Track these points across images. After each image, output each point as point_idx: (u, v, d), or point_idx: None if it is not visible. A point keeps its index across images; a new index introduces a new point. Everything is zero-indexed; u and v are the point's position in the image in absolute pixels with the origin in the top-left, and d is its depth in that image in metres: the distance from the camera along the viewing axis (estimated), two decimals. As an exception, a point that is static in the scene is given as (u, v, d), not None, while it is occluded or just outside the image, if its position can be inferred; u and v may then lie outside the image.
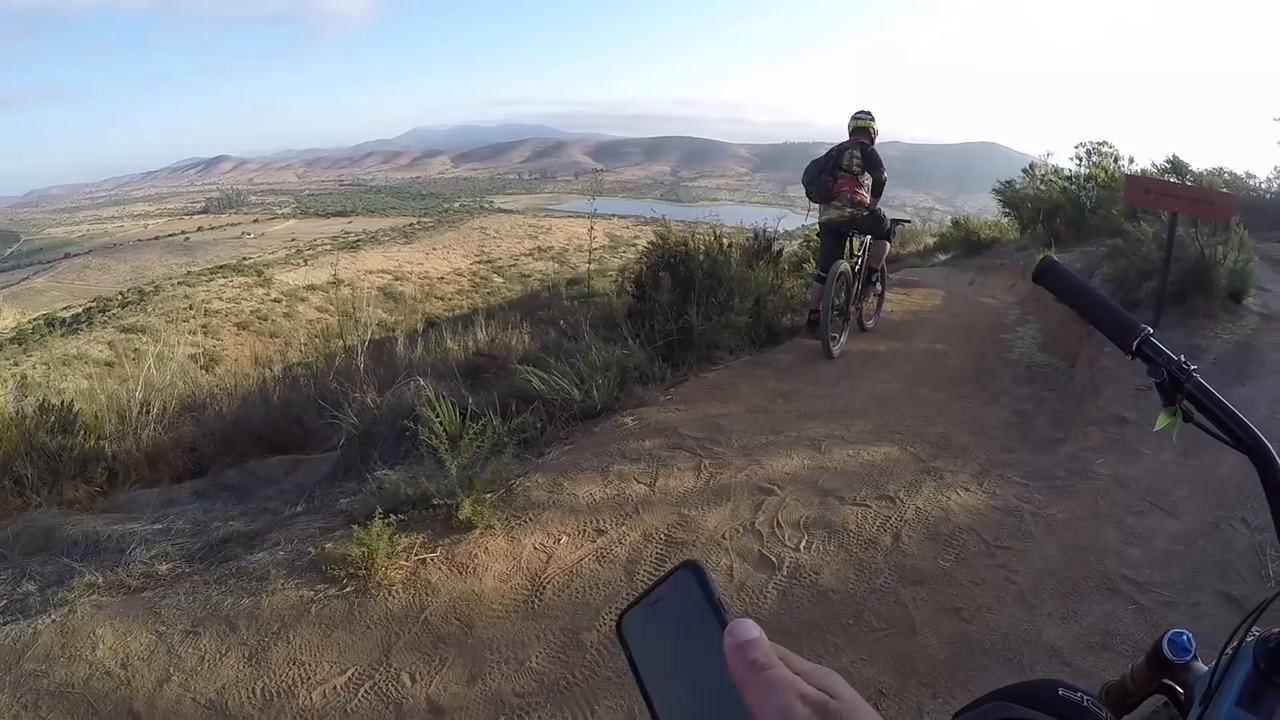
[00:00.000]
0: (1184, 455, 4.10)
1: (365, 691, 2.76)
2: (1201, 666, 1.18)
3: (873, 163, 6.48)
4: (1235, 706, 0.92)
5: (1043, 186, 13.65)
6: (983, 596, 3.13)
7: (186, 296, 37.36)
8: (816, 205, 6.66)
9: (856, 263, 6.70)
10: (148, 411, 5.99)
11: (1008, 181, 14.72)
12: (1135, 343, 1.06)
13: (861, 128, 6.66)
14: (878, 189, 6.58)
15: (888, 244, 6.98)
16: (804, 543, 3.51)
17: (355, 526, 3.43)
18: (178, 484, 5.25)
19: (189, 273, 46.58)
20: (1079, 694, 0.90)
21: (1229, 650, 0.99)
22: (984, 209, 22.12)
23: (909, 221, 9.39)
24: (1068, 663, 2.71)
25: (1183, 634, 1.22)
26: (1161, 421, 1.05)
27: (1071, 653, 2.79)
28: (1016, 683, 0.97)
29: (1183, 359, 1.02)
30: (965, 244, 13.33)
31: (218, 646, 2.96)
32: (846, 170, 6.49)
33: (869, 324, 7.39)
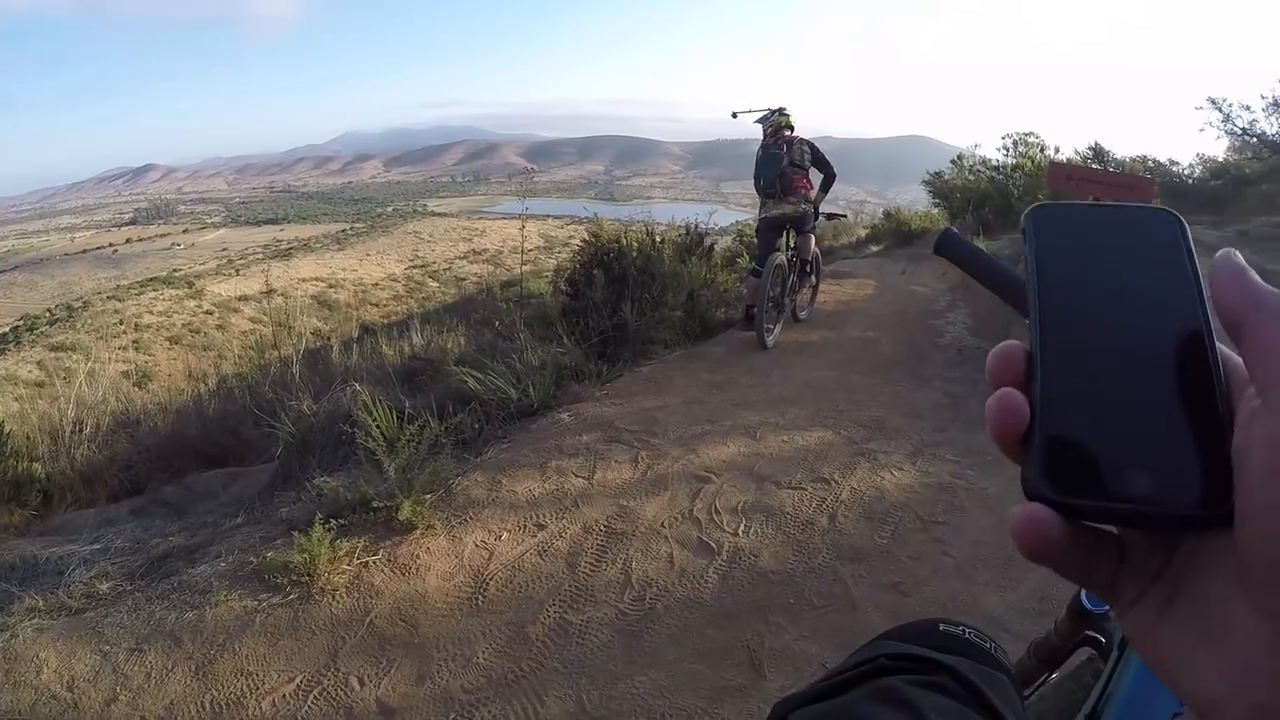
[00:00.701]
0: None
1: (314, 698, 2.71)
2: (1119, 614, 1.20)
3: (821, 158, 6.62)
4: None
5: (971, 177, 13.92)
6: (920, 570, 3.19)
7: (117, 311, 36.40)
8: (767, 201, 6.73)
9: (791, 255, 6.77)
10: (81, 431, 5.83)
11: (937, 173, 14.99)
12: None
13: (786, 124, 6.78)
14: (827, 184, 6.79)
15: (813, 237, 7.07)
16: (742, 527, 3.54)
17: (296, 534, 3.38)
18: (115, 503, 5.12)
19: (118, 287, 45.47)
20: (960, 628, 0.91)
21: None
22: (915, 200, 22.51)
23: (844, 215, 9.54)
24: (1006, 628, 2.76)
25: None
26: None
27: (1010, 619, 2.85)
28: (898, 625, 0.97)
29: None
30: (897, 235, 13.52)
31: (164, 662, 2.89)
32: (799, 165, 6.62)
33: (803, 315, 7.47)
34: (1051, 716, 1.28)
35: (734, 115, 7.33)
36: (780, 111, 6.83)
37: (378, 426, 4.08)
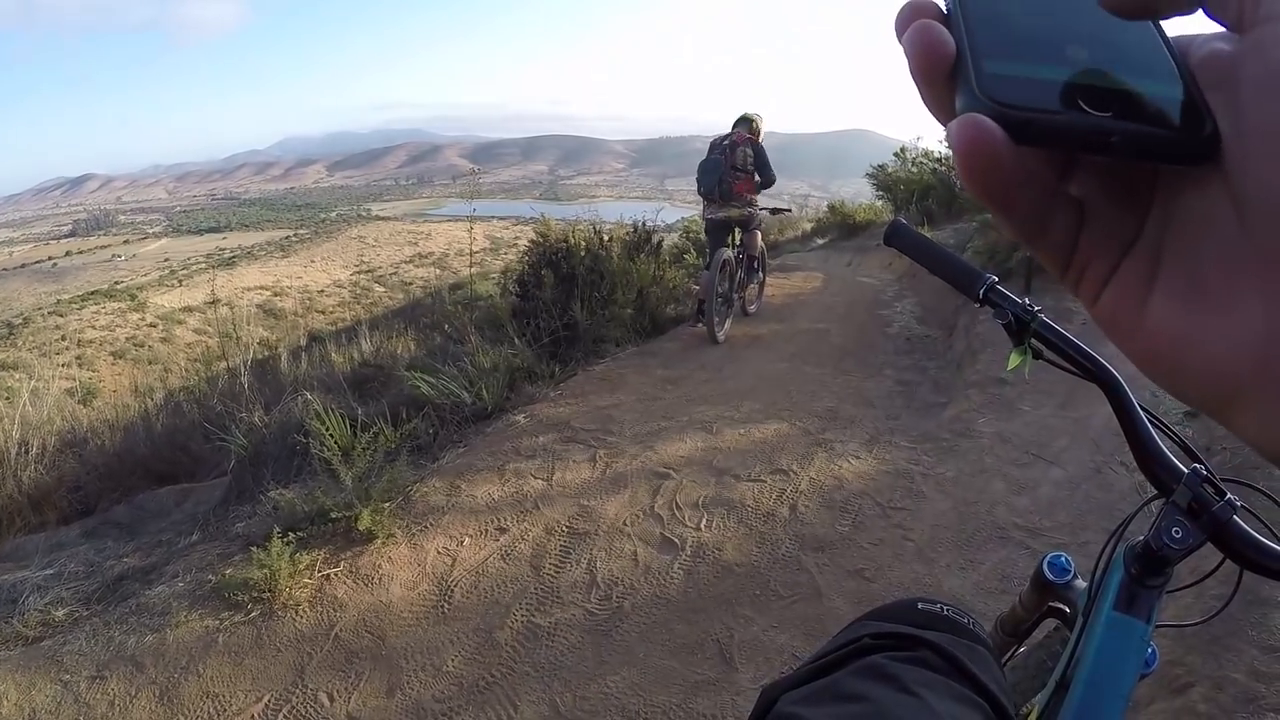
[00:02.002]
0: (1061, 408, 4.29)
1: (284, 716, 2.66)
2: (1081, 584, 1.24)
3: (763, 162, 6.69)
4: (1113, 610, 0.97)
5: (914, 169, 14.08)
6: (882, 556, 3.22)
7: (58, 327, 35.37)
8: (711, 203, 6.78)
9: (739, 252, 6.82)
10: (27, 452, 5.66)
11: (880, 166, 15.13)
12: (981, 290, 1.10)
13: (747, 119, 6.85)
14: (767, 186, 6.83)
15: (758, 233, 7.13)
16: (704, 521, 3.55)
17: (254, 549, 3.30)
18: (65, 525, 4.97)
19: (59, 301, 44.24)
20: (939, 605, 0.94)
21: (1103, 562, 1.04)
22: (859, 193, 22.74)
23: (788, 210, 9.65)
24: (970, 608, 2.80)
25: (1060, 556, 1.29)
26: (1013, 360, 1.09)
27: (973, 598, 2.89)
28: (878, 607, 1.00)
29: (1027, 301, 1.07)
30: (842, 228, 13.65)
31: (126, 689, 2.81)
32: (742, 170, 6.67)
33: (752, 309, 7.54)
34: (1023, 687, 1.31)
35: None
36: (744, 119, 6.92)
37: (331, 435, 4.02)
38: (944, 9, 0.33)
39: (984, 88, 0.30)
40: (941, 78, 0.31)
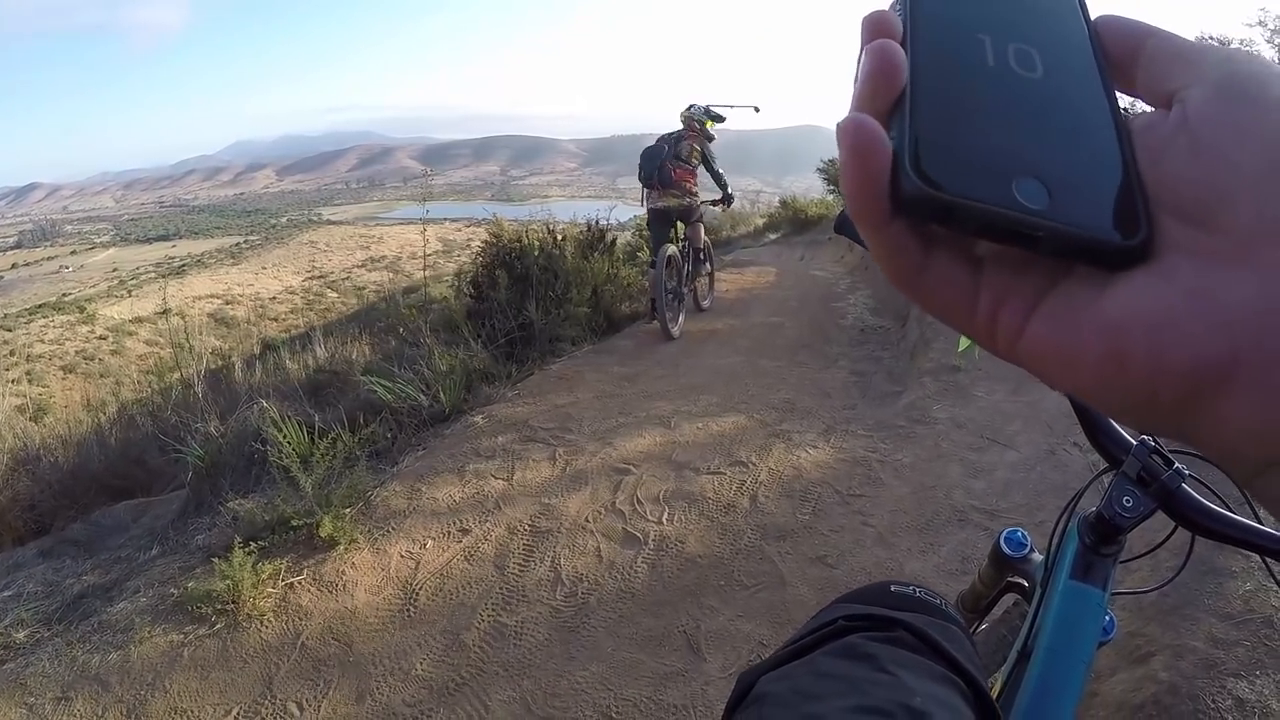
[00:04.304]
0: (1014, 393, 4.36)
1: (252, 728, 2.65)
2: (1038, 557, 1.27)
3: (709, 165, 6.82)
4: (1070, 579, 1.00)
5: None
6: (844, 542, 3.26)
7: (6, 342, 34.46)
8: (650, 192, 6.84)
9: (684, 246, 6.86)
10: (-21, 473, 5.53)
11: (831, 160, 15.26)
12: None
13: (695, 120, 6.92)
14: (716, 178, 7.01)
15: (701, 226, 7.18)
16: (666, 515, 3.57)
17: (216, 560, 3.26)
18: (21, 546, 4.85)
19: (5, 315, 43.14)
20: (910, 587, 0.96)
21: (1058, 533, 1.07)
22: (810, 188, 22.92)
23: (732, 197, 9.73)
24: (933, 589, 2.85)
25: (1017, 531, 1.32)
26: (963, 343, 1.11)
27: (935, 580, 2.93)
28: (851, 591, 1.02)
29: None
30: (794, 222, 13.76)
31: (93, 709, 2.75)
32: (685, 161, 6.74)
33: (705, 304, 7.59)
34: (986, 662, 1.34)
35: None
36: (694, 108, 7.01)
37: (289, 443, 3.98)
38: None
39: (915, 162, 0.28)
40: (887, 105, 0.31)
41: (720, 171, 6.99)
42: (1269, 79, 0.28)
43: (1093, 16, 0.34)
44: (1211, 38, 13.63)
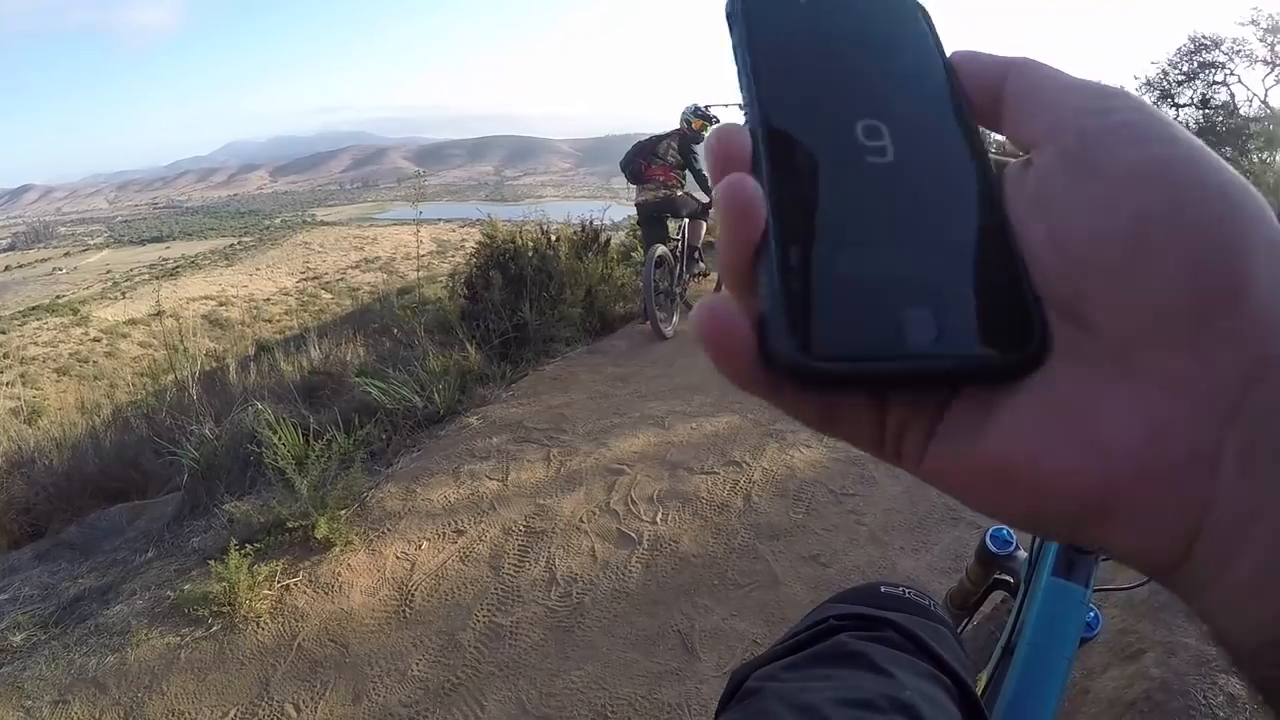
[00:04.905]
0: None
1: (249, 729, 2.66)
2: (1023, 554, 1.29)
3: (686, 155, 6.78)
4: (1052, 576, 1.02)
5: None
6: (837, 541, 3.27)
7: (0, 345, 34.54)
8: (631, 185, 6.98)
9: (676, 245, 6.86)
10: (-28, 476, 5.53)
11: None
12: None
13: (684, 120, 6.96)
14: (697, 178, 6.91)
15: (703, 223, 7.18)
16: (660, 515, 3.58)
17: (212, 563, 3.27)
18: (17, 549, 4.86)
19: (-1, 317, 43.16)
20: (900, 588, 0.97)
21: None
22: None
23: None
24: (925, 587, 2.84)
25: (1002, 529, 1.33)
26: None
27: (927, 579, 2.95)
28: (842, 591, 1.03)
29: None
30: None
31: (90, 712, 2.77)
32: (661, 159, 6.78)
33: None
34: (974, 659, 1.36)
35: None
36: (687, 107, 7.04)
37: (284, 445, 3.99)
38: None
39: (791, 328, 0.25)
40: (748, 261, 0.28)
41: (703, 171, 6.98)
42: (1121, 139, 0.26)
43: (948, 53, 0.32)
44: (1205, 38, 13.64)
